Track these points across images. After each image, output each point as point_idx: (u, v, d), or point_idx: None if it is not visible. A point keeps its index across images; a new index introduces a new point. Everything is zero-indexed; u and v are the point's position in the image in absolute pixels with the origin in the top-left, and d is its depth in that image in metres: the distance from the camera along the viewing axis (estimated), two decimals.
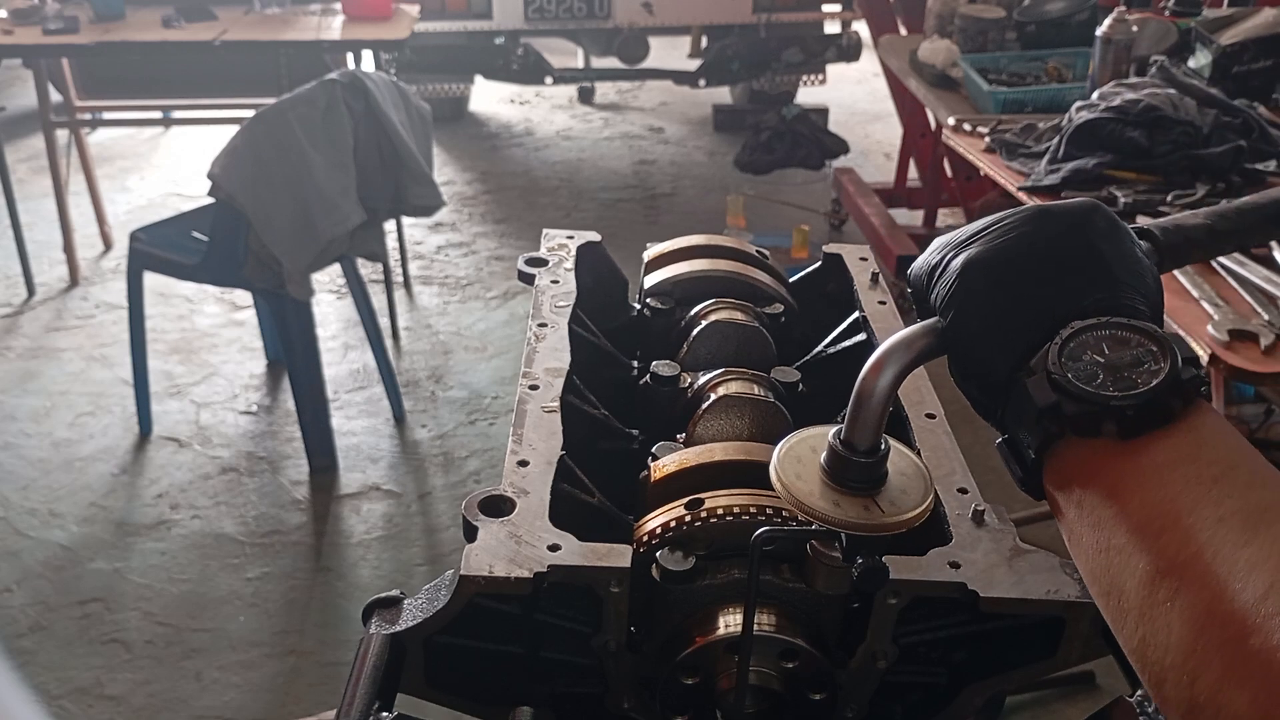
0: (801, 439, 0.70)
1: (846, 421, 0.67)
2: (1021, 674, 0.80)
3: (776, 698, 0.76)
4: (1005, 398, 0.64)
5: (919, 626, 0.78)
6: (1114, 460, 0.59)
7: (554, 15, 5.79)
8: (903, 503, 0.66)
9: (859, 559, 0.68)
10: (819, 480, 0.67)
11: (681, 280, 1.10)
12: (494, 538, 0.77)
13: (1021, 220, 0.66)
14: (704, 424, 0.93)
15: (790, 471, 0.67)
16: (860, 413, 0.66)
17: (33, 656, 2.71)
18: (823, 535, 0.71)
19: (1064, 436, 0.61)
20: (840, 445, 0.67)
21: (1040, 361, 0.61)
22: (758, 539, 0.70)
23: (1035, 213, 0.67)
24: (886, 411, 0.67)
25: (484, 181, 5.99)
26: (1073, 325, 0.61)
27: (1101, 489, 0.59)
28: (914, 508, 0.66)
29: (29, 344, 4.22)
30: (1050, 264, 0.64)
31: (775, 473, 0.68)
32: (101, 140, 6.27)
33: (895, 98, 5.01)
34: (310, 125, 3.11)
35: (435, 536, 3.18)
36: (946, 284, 0.67)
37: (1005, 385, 0.64)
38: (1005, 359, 0.63)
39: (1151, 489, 0.57)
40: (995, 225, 0.67)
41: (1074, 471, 0.61)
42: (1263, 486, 0.56)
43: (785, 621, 0.76)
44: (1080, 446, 0.60)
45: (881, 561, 0.68)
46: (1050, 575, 0.77)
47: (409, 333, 4.33)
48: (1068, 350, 0.61)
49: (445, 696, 0.81)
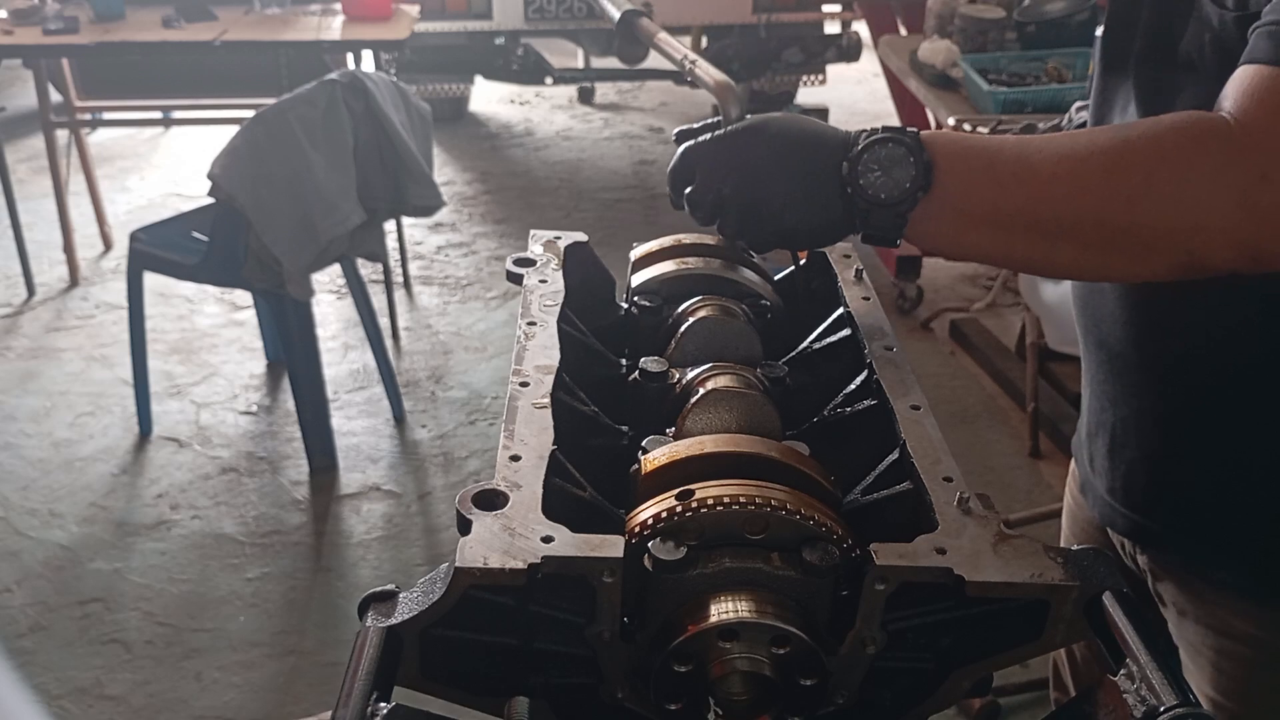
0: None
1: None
2: (1008, 657, 0.81)
3: (768, 683, 0.77)
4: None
5: (907, 612, 0.79)
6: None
7: (554, 15, 5.80)
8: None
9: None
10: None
11: (668, 278, 1.12)
12: (488, 530, 0.78)
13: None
14: (693, 418, 0.94)
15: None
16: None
17: (33, 656, 2.72)
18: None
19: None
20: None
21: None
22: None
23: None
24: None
25: (484, 181, 6.00)
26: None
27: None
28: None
29: (29, 344, 4.23)
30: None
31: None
32: (101, 140, 6.28)
33: (895, 98, 5.01)
34: (310, 125, 3.12)
35: (435, 536, 3.19)
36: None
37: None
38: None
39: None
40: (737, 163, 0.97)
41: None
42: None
43: (776, 608, 0.77)
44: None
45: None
46: (1034, 559, 0.78)
47: (409, 333, 4.34)
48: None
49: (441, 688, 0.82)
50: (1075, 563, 0.79)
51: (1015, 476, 3.42)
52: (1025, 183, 0.88)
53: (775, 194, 0.95)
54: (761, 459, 0.85)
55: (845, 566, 0.79)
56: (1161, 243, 0.86)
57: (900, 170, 0.89)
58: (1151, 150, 0.85)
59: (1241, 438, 1.07)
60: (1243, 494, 1.09)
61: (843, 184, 0.92)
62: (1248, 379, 1.06)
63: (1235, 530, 1.11)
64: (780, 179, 0.94)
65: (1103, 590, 0.77)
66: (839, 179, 0.92)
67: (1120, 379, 1.16)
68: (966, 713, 2.56)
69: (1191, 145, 0.84)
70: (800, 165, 0.94)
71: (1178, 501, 1.15)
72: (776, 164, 0.94)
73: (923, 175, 0.89)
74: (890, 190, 0.90)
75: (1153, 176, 0.84)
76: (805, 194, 0.94)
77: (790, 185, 0.94)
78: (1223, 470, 1.10)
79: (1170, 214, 0.84)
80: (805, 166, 0.94)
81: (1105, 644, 0.75)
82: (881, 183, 0.90)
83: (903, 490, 0.88)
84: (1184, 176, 0.83)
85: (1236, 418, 1.07)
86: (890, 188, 0.90)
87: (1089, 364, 1.23)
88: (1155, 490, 1.16)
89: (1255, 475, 1.08)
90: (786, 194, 0.94)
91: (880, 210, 0.91)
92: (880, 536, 0.79)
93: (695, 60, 1.19)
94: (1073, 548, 0.80)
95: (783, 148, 0.95)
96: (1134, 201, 0.85)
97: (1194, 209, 0.83)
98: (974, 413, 3.78)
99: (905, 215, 0.91)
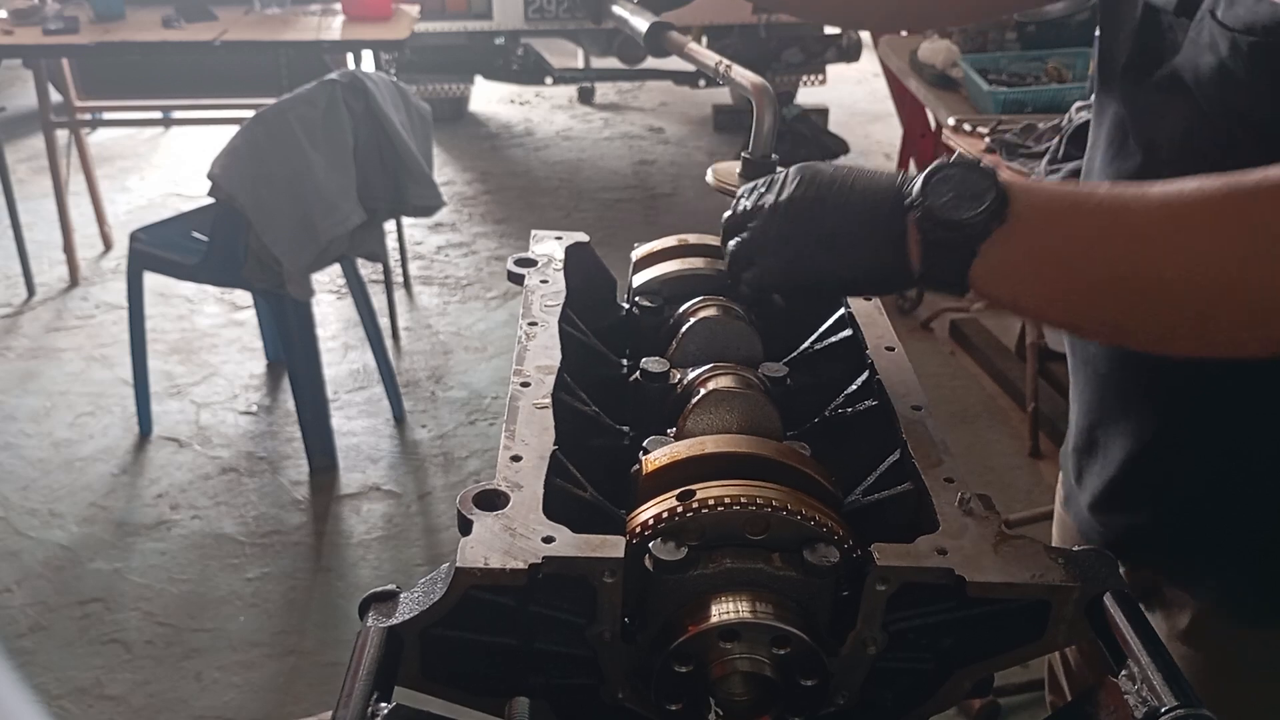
0: (726, 164, 1.17)
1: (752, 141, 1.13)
2: (1009, 657, 0.81)
3: (769, 684, 0.77)
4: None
5: (908, 612, 0.79)
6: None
7: (554, 15, 5.80)
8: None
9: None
10: (736, 176, 1.14)
11: (669, 279, 1.12)
12: (489, 531, 0.78)
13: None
14: (694, 418, 0.94)
15: (720, 172, 1.16)
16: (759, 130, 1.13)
17: (33, 656, 2.72)
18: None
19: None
20: (746, 154, 1.14)
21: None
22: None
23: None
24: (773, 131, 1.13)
25: (484, 181, 6.00)
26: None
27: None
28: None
29: (29, 344, 4.23)
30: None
31: (710, 174, 1.16)
32: (101, 140, 6.28)
33: (895, 98, 5.02)
34: (310, 125, 3.11)
35: (435, 537, 3.19)
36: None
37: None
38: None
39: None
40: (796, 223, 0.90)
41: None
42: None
43: (778, 609, 0.77)
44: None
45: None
46: (1035, 560, 0.78)
47: (409, 333, 4.34)
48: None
49: (442, 688, 0.82)
50: (1076, 563, 0.79)
51: (1015, 476, 3.42)
52: (1114, 228, 0.78)
53: (830, 233, 0.87)
54: (762, 459, 0.85)
55: (846, 567, 0.79)
56: (1274, 313, 0.75)
57: (974, 193, 0.80)
58: (1268, 201, 0.74)
59: (1223, 461, 1.05)
60: (1221, 518, 1.07)
61: (905, 212, 0.83)
62: (1233, 400, 1.01)
63: (1211, 555, 1.10)
64: (838, 216, 0.87)
65: (1104, 591, 0.77)
66: (902, 209, 0.83)
67: (1103, 397, 1.14)
68: (967, 713, 2.56)
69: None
70: (856, 197, 0.86)
71: (1155, 520, 1.12)
72: (837, 217, 0.87)
73: (998, 202, 0.79)
74: (963, 212, 0.80)
75: (1271, 230, 0.74)
76: (864, 233, 0.85)
77: (848, 223, 0.86)
78: (1203, 493, 1.07)
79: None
80: (864, 202, 0.86)
81: (1106, 645, 0.75)
82: (954, 203, 0.80)
83: (904, 491, 0.88)
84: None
85: (1218, 439, 1.04)
86: (963, 209, 0.80)
87: (1075, 379, 1.22)
88: (1132, 507, 1.15)
89: (1236, 502, 1.06)
90: (843, 233, 0.86)
91: (949, 237, 0.80)
92: (881, 537, 0.79)
93: (729, 65, 1.19)
94: (1074, 548, 0.80)
95: (837, 185, 0.88)
96: (1248, 260, 0.74)
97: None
98: (974, 413, 3.78)
99: (976, 247, 0.80)
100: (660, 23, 1.28)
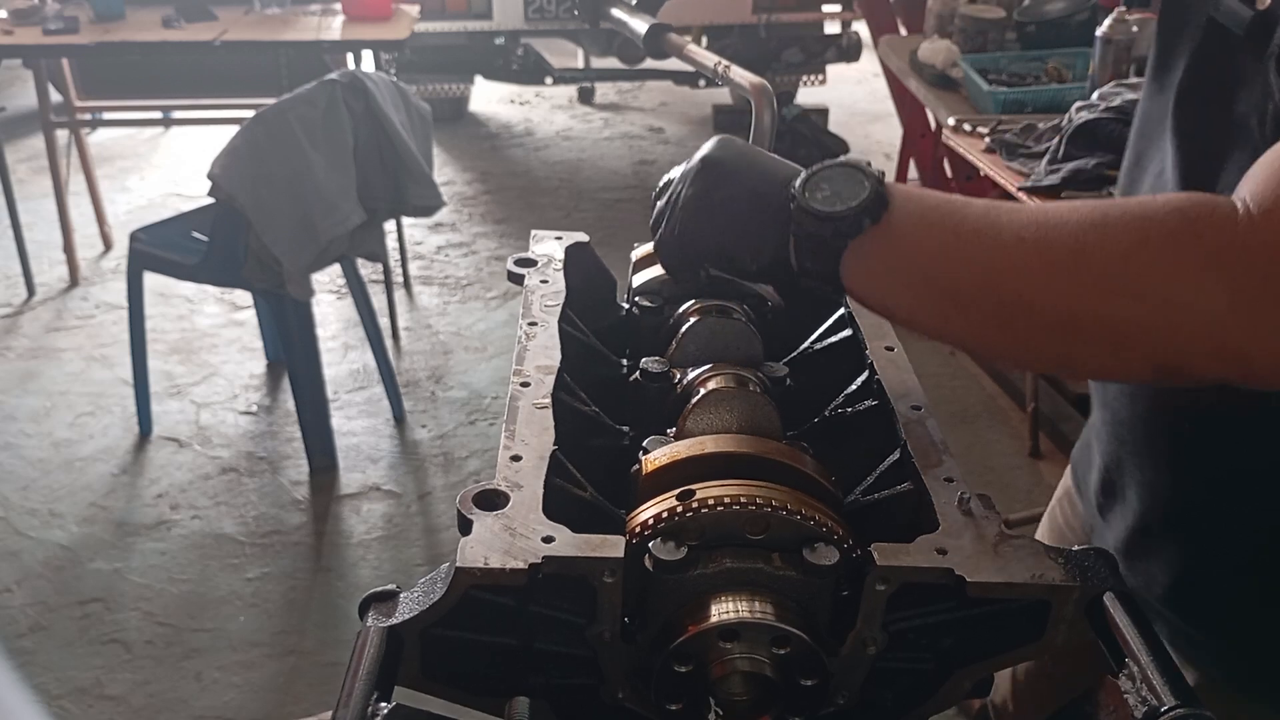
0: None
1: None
2: (1009, 657, 0.81)
3: (769, 684, 0.77)
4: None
5: (908, 612, 0.79)
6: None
7: (554, 15, 5.80)
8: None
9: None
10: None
11: (669, 279, 1.12)
12: (488, 530, 0.78)
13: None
14: (694, 418, 0.94)
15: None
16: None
17: (33, 656, 2.72)
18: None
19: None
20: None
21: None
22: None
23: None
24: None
25: (484, 181, 6.00)
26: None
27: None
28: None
29: (29, 344, 4.23)
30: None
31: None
32: (101, 140, 6.28)
33: (895, 98, 5.02)
34: (310, 125, 3.11)
35: (435, 537, 3.19)
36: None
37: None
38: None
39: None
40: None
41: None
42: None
43: (777, 609, 0.77)
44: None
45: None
46: (1035, 560, 0.78)
47: (409, 333, 4.34)
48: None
49: (442, 688, 0.82)
50: (1076, 563, 0.79)
51: (1015, 476, 3.42)
52: (985, 241, 0.77)
53: (721, 215, 0.89)
54: (762, 459, 0.85)
55: (846, 567, 0.79)
56: (1134, 340, 0.73)
57: (850, 192, 0.81)
58: (1135, 231, 0.72)
59: (1226, 514, 1.02)
60: (1225, 571, 1.03)
61: (788, 203, 0.84)
62: (1246, 467, 0.97)
63: (1215, 619, 1.06)
64: (728, 201, 0.89)
65: (1104, 591, 0.77)
66: (785, 201, 0.84)
67: (1121, 442, 1.10)
68: (966, 713, 2.56)
69: (1185, 231, 0.71)
70: (750, 185, 0.88)
71: (1169, 574, 1.08)
72: (730, 185, 0.90)
73: (873, 201, 0.80)
74: (834, 206, 0.81)
75: (1130, 261, 0.72)
76: (750, 216, 0.87)
77: (737, 206, 0.88)
78: (1212, 557, 1.04)
79: (1145, 308, 0.71)
80: (754, 185, 0.88)
81: (1106, 645, 0.75)
82: (828, 199, 0.81)
83: (903, 490, 0.88)
84: (1168, 266, 0.71)
85: (1228, 505, 1.01)
86: (835, 204, 0.81)
87: (1095, 415, 1.17)
88: (1152, 555, 1.09)
89: (1238, 555, 1.01)
90: (731, 215, 0.88)
91: (819, 229, 0.81)
92: (881, 537, 0.79)
93: (728, 66, 1.19)
94: (1074, 548, 0.80)
95: (735, 172, 0.90)
96: (1106, 290, 0.72)
97: (1172, 307, 0.71)
98: (974, 413, 3.78)
99: (845, 241, 0.80)
100: (659, 25, 1.28)
